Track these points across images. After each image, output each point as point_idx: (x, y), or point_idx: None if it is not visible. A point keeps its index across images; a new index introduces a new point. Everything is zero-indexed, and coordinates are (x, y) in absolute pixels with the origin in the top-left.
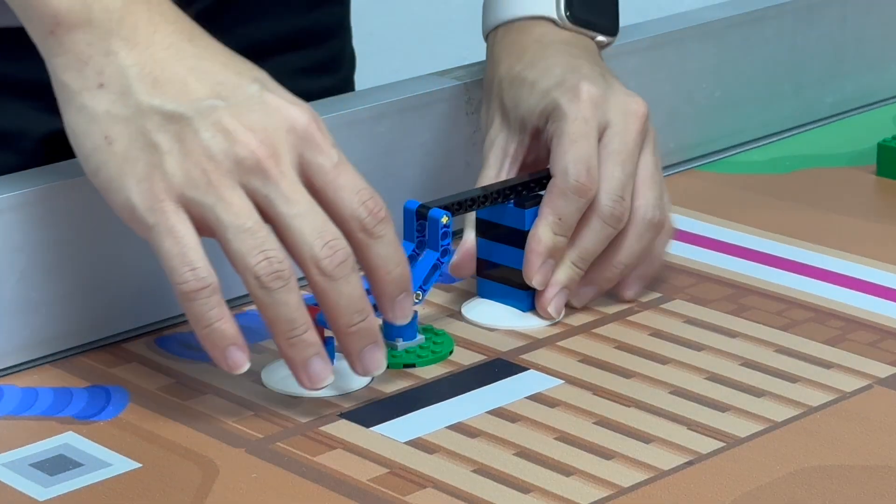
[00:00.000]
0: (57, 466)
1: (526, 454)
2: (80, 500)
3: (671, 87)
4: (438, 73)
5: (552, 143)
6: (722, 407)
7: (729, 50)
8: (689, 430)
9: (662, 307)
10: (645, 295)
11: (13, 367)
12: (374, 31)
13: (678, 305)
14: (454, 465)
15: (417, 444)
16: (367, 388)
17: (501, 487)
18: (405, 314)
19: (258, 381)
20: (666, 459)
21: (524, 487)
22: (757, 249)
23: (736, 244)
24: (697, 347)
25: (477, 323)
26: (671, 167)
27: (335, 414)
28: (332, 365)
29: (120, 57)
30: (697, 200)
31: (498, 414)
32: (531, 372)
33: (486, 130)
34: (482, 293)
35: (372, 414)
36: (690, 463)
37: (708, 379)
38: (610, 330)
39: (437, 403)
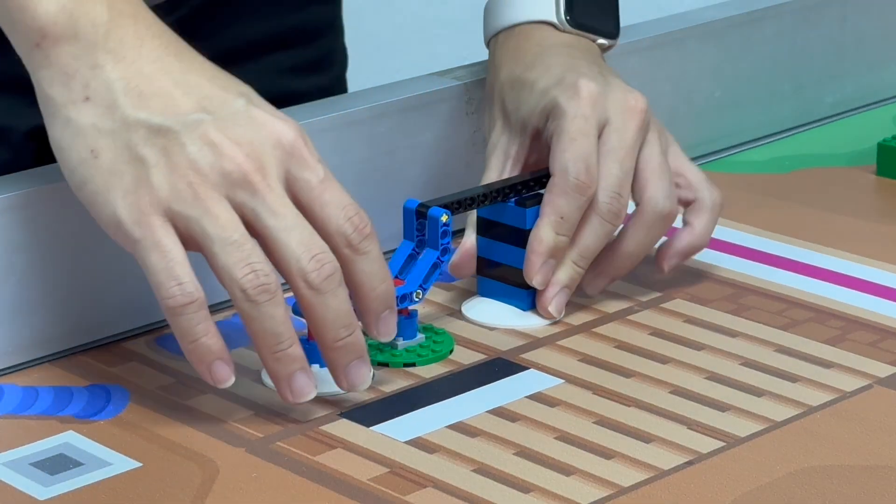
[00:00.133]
0: (57, 466)
1: (526, 454)
2: (80, 499)
3: (671, 87)
4: (438, 73)
5: (552, 140)
6: (722, 406)
7: (729, 50)
8: (689, 429)
9: (662, 306)
10: (645, 294)
11: (13, 367)
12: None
13: (678, 305)
14: (454, 464)
15: (417, 443)
16: (367, 387)
17: (501, 487)
18: (389, 331)
19: (258, 380)
20: (666, 459)
21: (524, 487)
22: (757, 249)
23: (736, 244)
24: (697, 347)
25: (477, 322)
26: None
27: (335, 413)
28: (314, 380)
29: (106, 70)
30: None
31: (498, 413)
32: (531, 371)
33: (488, 135)
34: (482, 292)
35: (372, 413)
36: (690, 463)
37: (708, 378)
38: (610, 329)
39: (437, 403)
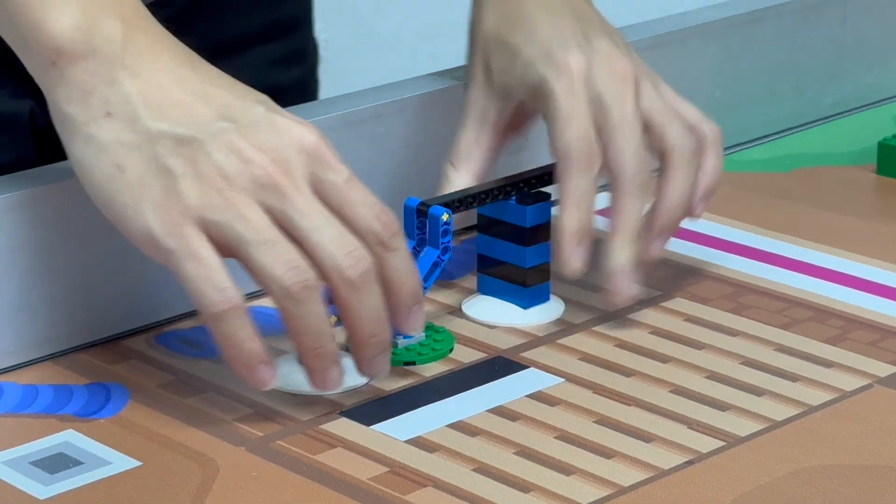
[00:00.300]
0: (57, 465)
1: (526, 453)
2: (80, 498)
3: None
4: (438, 73)
5: (547, 125)
6: (722, 406)
7: (729, 50)
8: (689, 429)
9: (663, 305)
10: (645, 293)
11: (13, 367)
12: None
13: (678, 304)
14: (454, 463)
15: (418, 442)
16: (367, 385)
17: (502, 486)
18: (419, 326)
19: None
20: (666, 458)
21: (524, 486)
22: (757, 248)
23: (736, 242)
24: (698, 346)
25: (477, 320)
26: None
27: (335, 412)
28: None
29: (125, 85)
30: None
31: (498, 412)
32: (532, 370)
33: (467, 82)
34: (483, 290)
35: (372, 412)
36: (690, 462)
37: (708, 378)
38: (610, 328)
39: (437, 402)
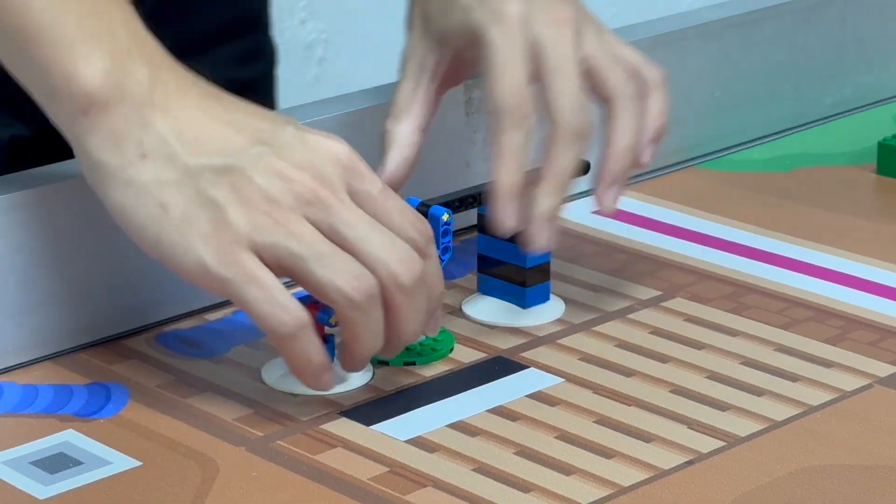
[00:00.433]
0: (57, 464)
1: (526, 453)
2: (80, 498)
3: (671, 87)
4: None
5: (483, 74)
6: (722, 406)
7: (729, 50)
8: (689, 429)
9: (663, 305)
10: (645, 293)
11: (13, 366)
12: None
13: (678, 304)
14: (454, 463)
15: (418, 442)
16: (367, 385)
17: (502, 486)
18: (438, 328)
19: (258, 378)
20: (666, 459)
21: (524, 486)
22: (757, 248)
23: (736, 242)
24: (698, 346)
25: (477, 320)
26: (671, 166)
27: (335, 412)
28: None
29: (157, 125)
30: (697, 198)
31: (498, 412)
32: (531, 370)
33: (406, 32)
34: (483, 290)
35: (372, 412)
36: (691, 462)
37: (708, 378)
38: (610, 328)
39: (437, 402)
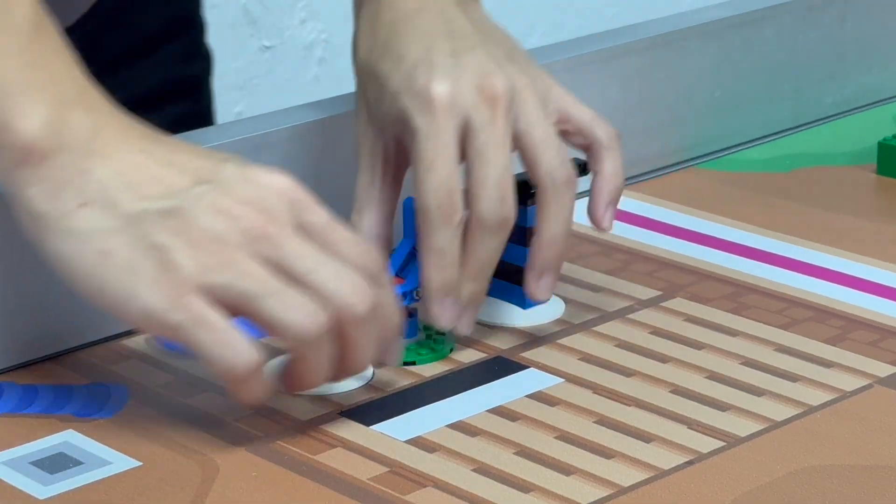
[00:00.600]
0: (57, 464)
1: (526, 453)
2: (80, 498)
3: (671, 87)
4: None
5: (412, 164)
6: (722, 406)
7: (729, 50)
8: (689, 429)
9: (662, 305)
10: (645, 293)
11: (13, 366)
12: None
13: (678, 304)
14: (454, 463)
15: (417, 442)
16: (367, 385)
17: (502, 486)
18: (399, 358)
19: None
20: (666, 459)
21: (524, 486)
22: (757, 248)
23: (736, 242)
24: (698, 346)
25: (477, 320)
26: (671, 166)
27: (335, 412)
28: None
29: (97, 172)
30: (697, 198)
31: (498, 412)
32: (531, 370)
33: (356, 117)
34: None
35: (372, 412)
36: (691, 462)
37: (708, 378)
38: (610, 328)
39: (437, 402)
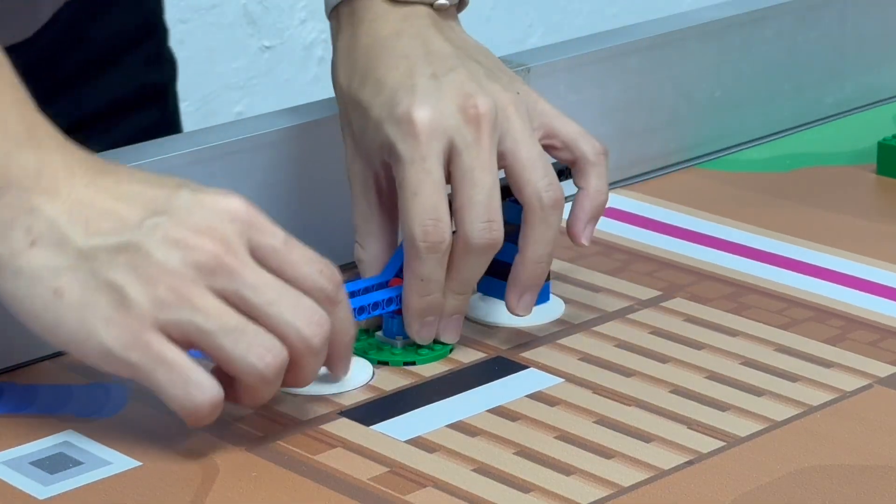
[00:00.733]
0: (57, 465)
1: (526, 453)
2: (79, 498)
3: (671, 87)
4: None
5: (398, 191)
6: (722, 406)
7: (729, 50)
8: (689, 429)
9: (662, 305)
10: (645, 293)
11: (13, 366)
12: None
13: (678, 304)
14: (454, 463)
15: (417, 442)
16: (367, 386)
17: (502, 486)
18: (346, 369)
19: None
20: (666, 459)
21: (524, 486)
22: (757, 248)
23: (736, 242)
24: (697, 346)
25: (477, 320)
26: (671, 166)
27: (335, 412)
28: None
29: (45, 210)
30: (697, 198)
31: (498, 412)
32: (531, 370)
33: (344, 146)
34: (483, 290)
35: (372, 412)
36: (691, 462)
37: (708, 378)
38: (610, 328)
39: (437, 402)
